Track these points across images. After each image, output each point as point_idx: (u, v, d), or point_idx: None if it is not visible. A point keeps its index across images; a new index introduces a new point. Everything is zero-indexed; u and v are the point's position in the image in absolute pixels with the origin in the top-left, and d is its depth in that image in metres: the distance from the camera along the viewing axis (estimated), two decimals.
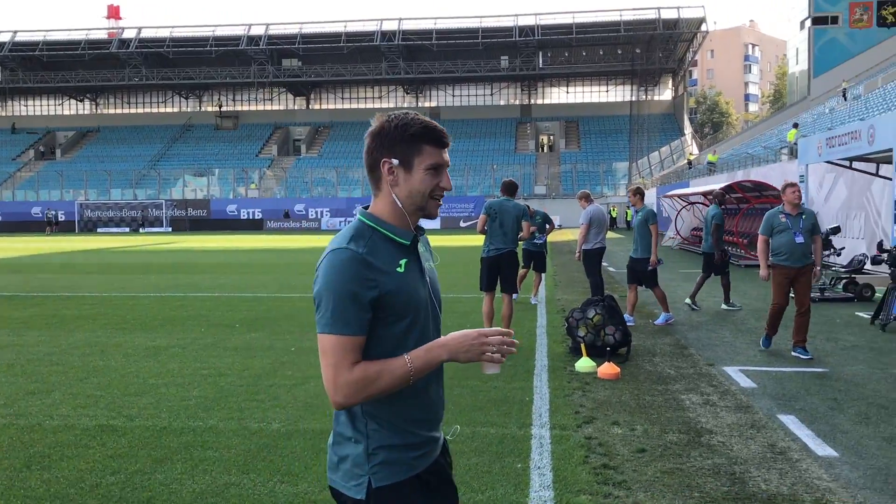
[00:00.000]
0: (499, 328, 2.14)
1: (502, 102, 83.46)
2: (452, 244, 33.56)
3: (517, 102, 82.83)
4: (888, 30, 59.11)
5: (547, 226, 14.08)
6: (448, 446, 2.41)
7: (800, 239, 8.53)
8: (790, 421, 6.20)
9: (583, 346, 8.50)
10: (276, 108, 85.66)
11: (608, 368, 7.81)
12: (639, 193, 11.65)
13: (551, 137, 78.62)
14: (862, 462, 5.22)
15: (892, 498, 4.59)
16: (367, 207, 2.23)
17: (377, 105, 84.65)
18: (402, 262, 2.15)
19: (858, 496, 4.62)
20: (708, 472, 5.01)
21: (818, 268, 8.80)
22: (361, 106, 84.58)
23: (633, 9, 73.32)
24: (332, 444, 2.24)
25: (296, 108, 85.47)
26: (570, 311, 9.23)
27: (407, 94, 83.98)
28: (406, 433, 2.19)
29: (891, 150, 12.53)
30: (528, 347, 9.39)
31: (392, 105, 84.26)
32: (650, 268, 11.23)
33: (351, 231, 2.15)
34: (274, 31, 77.76)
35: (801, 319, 8.69)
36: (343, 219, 61.97)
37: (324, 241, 40.09)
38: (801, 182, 17.49)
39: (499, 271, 9.35)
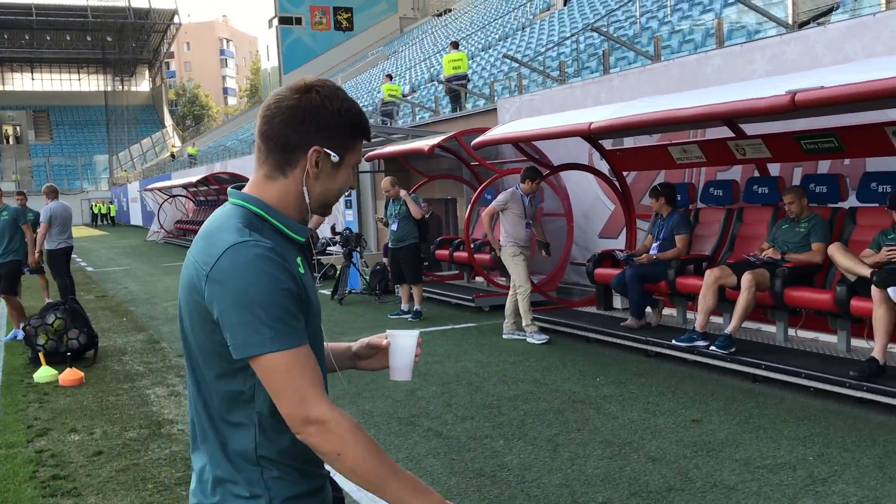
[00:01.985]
0: None
1: None
2: None
3: None
4: (344, 33, 65.82)
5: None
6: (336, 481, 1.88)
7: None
8: None
9: (41, 355, 7.93)
10: None
11: (70, 375, 7.42)
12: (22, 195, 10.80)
13: (17, 128, 70.83)
14: None
15: None
16: (239, 188, 1.70)
17: None
18: (299, 260, 1.67)
19: None
20: (164, 462, 5.11)
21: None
22: None
23: None
24: (214, 498, 1.64)
25: None
26: (27, 320, 8.52)
27: None
28: (309, 476, 1.68)
29: None
30: None
31: None
32: (27, 270, 10.15)
33: (237, 219, 1.60)
34: None
35: None
36: None
37: None
38: None
39: None
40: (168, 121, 76.63)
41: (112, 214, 54.98)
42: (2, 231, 9.60)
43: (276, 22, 64.78)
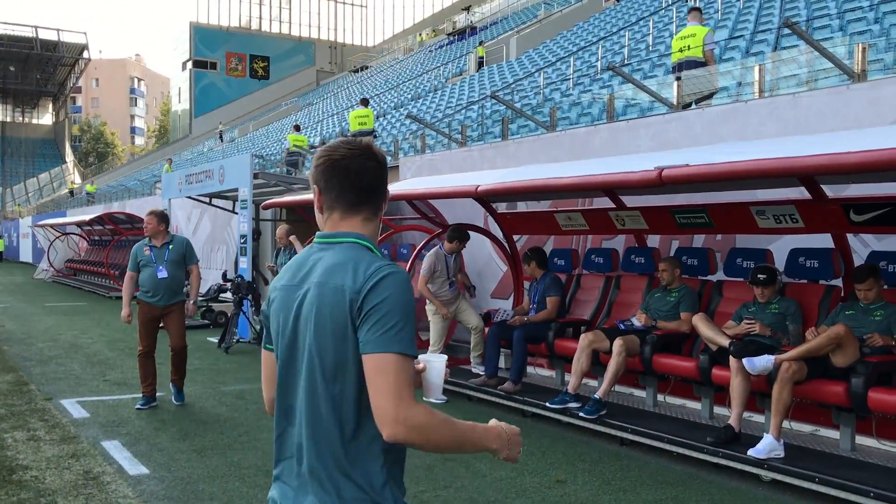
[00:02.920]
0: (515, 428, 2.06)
1: None
2: None
3: None
4: (259, 81, 65.67)
5: None
6: None
7: (162, 273, 7.72)
8: (113, 446, 6.39)
9: None
10: None
11: None
12: None
13: None
14: (169, 475, 5.65)
15: (185, 503, 5.07)
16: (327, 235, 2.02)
17: None
18: None
19: None
20: None
21: (191, 301, 8.04)
22: None
23: (7, 23, 67.49)
24: None
25: None
26: None
27: None
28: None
29: (237, 189, 13.93)
30: None
31: None
32: None
33: (367, 251, 1.96)
34: None
35: (176, 360, 8.01)
36: None
37: None
38: None
39: None
40: (70, 156, 74.23)
41: (0, 249, 52.43)
42: None
43: (190, 65, 64.17)
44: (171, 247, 7.89)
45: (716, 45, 12.65)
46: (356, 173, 1.97)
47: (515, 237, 9.69)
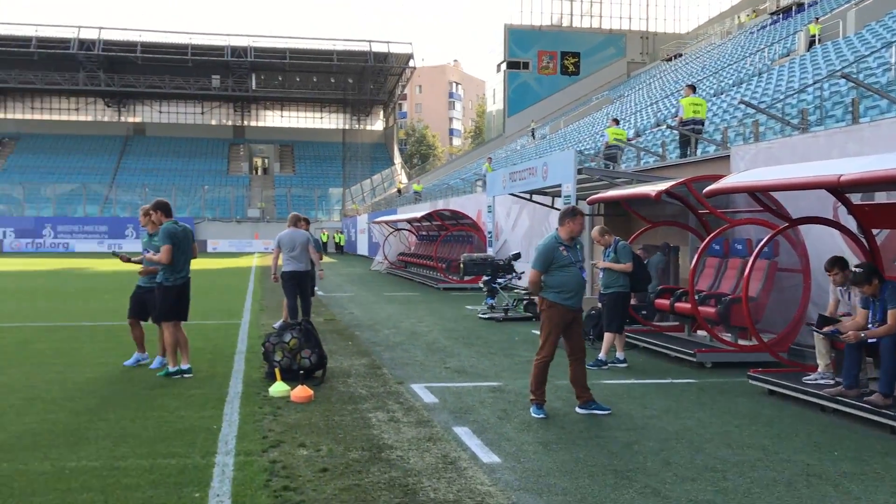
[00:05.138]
0: None
1: (214, 122, 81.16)
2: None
3: (230, 123, 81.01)
4: (570, 77, 66.40)
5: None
6: None
7: (585, 274, 7.52)
8: (463, 432, 6.72)
9: (277, 370, 8.52)
10: None
11: (301, 391, 7.91)
12: None
13: (266, 160, 77.87)
14: (520, 466, 5.80)
15: (540, 496, 5.16)
16: None
17: (73, 117, 78.16)
18: None
19: (513, 497, 5.13)
20: (384, 486, 5.28)
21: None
22: (55, 117, 77.72)
23: (346, 39, 75.42)
24: None
25: None
26: (266, 336, 9.21)
27: (108, 107, 78.64)
28: None
29: (560, 185, 14.10)
30: (224, 374, 9.22)
31: (91, 118, 78.61)
32: None
33: None
34: None
35: (582, 367, 7.66)
36: (30, 240, 56.42)
37: (9, 265, 36.01)
38: (488, 212, 18.98)
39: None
40: (397, 158, 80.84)
41: (342, 244, 58.70)
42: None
43: (504, 66, 66.68)
44: (578, 247, 7.56)
45: None
46: None
47: (875, 231, 8.67)
